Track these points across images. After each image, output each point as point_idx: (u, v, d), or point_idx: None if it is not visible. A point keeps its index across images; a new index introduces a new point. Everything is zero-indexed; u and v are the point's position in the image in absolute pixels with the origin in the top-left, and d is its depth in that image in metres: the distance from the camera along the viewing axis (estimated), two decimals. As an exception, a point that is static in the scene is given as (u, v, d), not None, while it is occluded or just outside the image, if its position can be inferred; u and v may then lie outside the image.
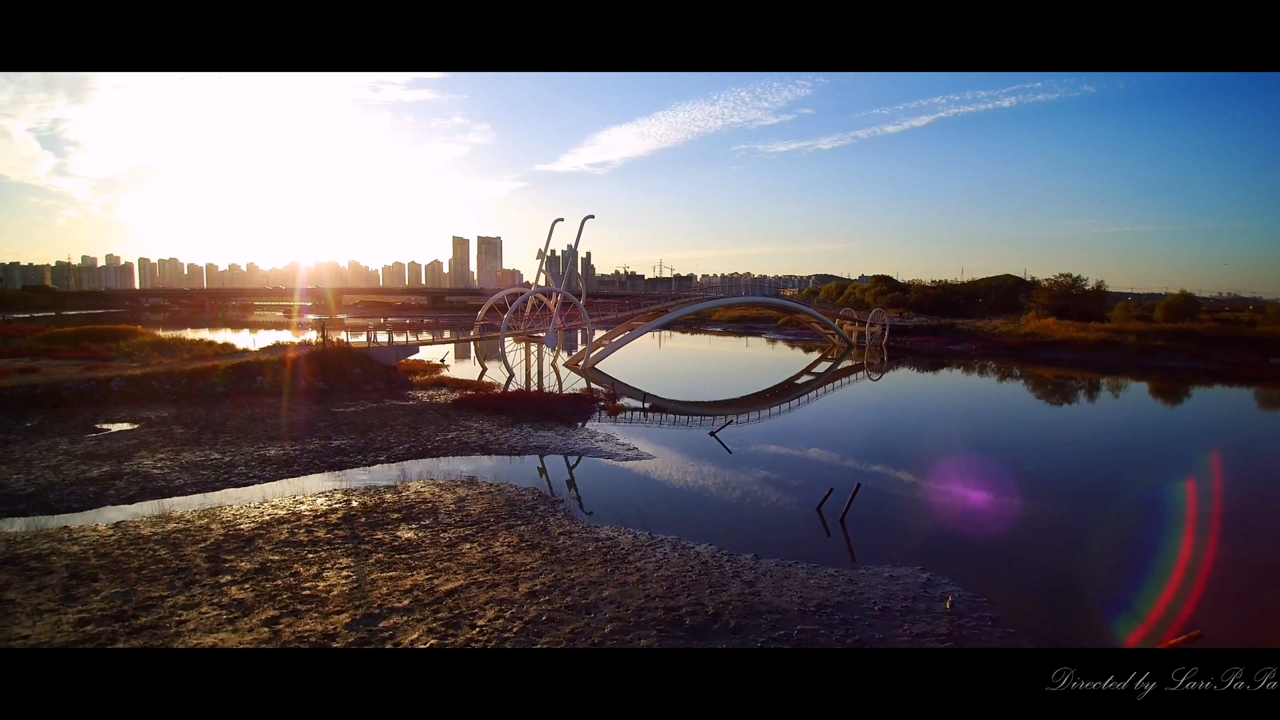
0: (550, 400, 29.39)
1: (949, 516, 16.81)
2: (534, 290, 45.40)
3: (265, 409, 26.23)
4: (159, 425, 23.02)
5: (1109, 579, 13.45)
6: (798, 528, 15.70)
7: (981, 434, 28.06)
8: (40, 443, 20.25)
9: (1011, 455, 23.69)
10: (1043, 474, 21.11)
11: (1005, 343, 68.37)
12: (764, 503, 17.51)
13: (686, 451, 22.73)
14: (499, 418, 25.93)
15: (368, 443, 21.42)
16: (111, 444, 20.18)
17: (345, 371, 32.55)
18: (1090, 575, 13.61)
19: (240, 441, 20.96)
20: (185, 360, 35.81)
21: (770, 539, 14.75)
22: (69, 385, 27.11)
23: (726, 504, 17.34)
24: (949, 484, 19.48)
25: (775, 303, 65.21)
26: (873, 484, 18.63)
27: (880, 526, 15.88)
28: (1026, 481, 19.73)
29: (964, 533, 15.73)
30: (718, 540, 14.38)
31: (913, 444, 25.50)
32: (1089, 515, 17.09)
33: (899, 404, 37.31)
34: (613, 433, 24.81)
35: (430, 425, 24.11)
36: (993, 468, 21.31)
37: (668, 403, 32.83)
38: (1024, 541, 15.37)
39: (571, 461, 20.92)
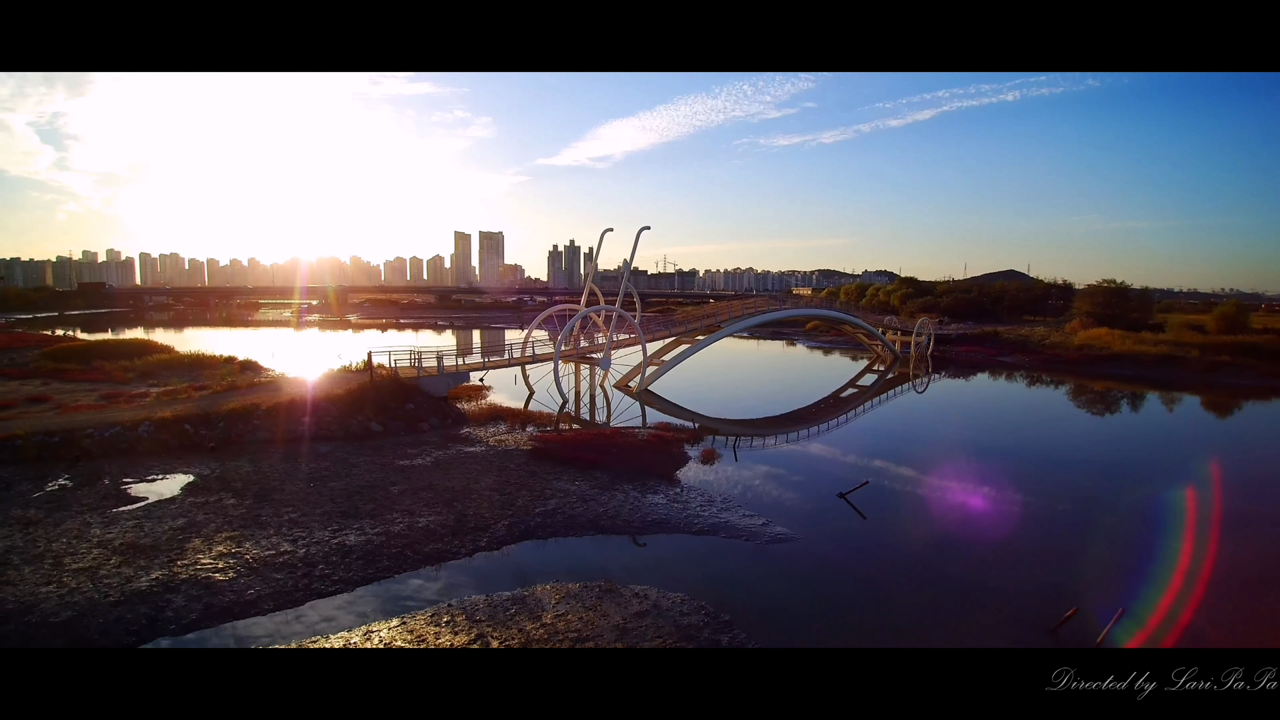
0: (635, 448, 25.89)
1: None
2: (591, 309, 41.75)
3: (320, 462, 22.65)
4: (204, 490, 19.45)
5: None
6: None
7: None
8: (67, 523, 16.69)
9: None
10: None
11: (1059, 355, 65.15)
12: (979, 614, 14.03)
13: (825, 523, 19.32)
14: (591, 476, 22.38)
15: (459, 519, 17.87)
16: (154, 526, 16.62)
17: (398, 408, 29.00)
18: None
19: (308, 519, 17.40)
20: (214, 389, 32.22)
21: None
22: (91, 433, 23.50)
23: (938, 623, 13.86)
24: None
25: (829, 315, 61.83)
26: (1070, 575, 15.14)
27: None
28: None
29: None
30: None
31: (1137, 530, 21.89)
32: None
33: (1031, 439, 33.45)
34: (724, 493, 21.30)
35: (521, 489, 20.54)
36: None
37: (743, 429, 29.28)
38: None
39: (708, 547, 17.41)
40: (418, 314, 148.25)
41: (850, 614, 14.22)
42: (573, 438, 26.80)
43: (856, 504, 21.05)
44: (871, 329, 65.56)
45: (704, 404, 39.40)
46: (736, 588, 15.09)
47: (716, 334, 47.72)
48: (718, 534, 18.07)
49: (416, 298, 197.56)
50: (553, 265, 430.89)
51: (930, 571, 16.31)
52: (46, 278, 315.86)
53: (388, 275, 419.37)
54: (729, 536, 17.92)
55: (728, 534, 18.06)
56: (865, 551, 17.81)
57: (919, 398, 45.68)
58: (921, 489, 23.25)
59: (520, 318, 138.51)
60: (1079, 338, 71.16)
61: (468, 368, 35.36)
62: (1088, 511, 21.11)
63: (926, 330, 69.86)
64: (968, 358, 67.13)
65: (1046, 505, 21.57)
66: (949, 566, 16.61)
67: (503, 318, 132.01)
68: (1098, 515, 20.82)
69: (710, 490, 21.71)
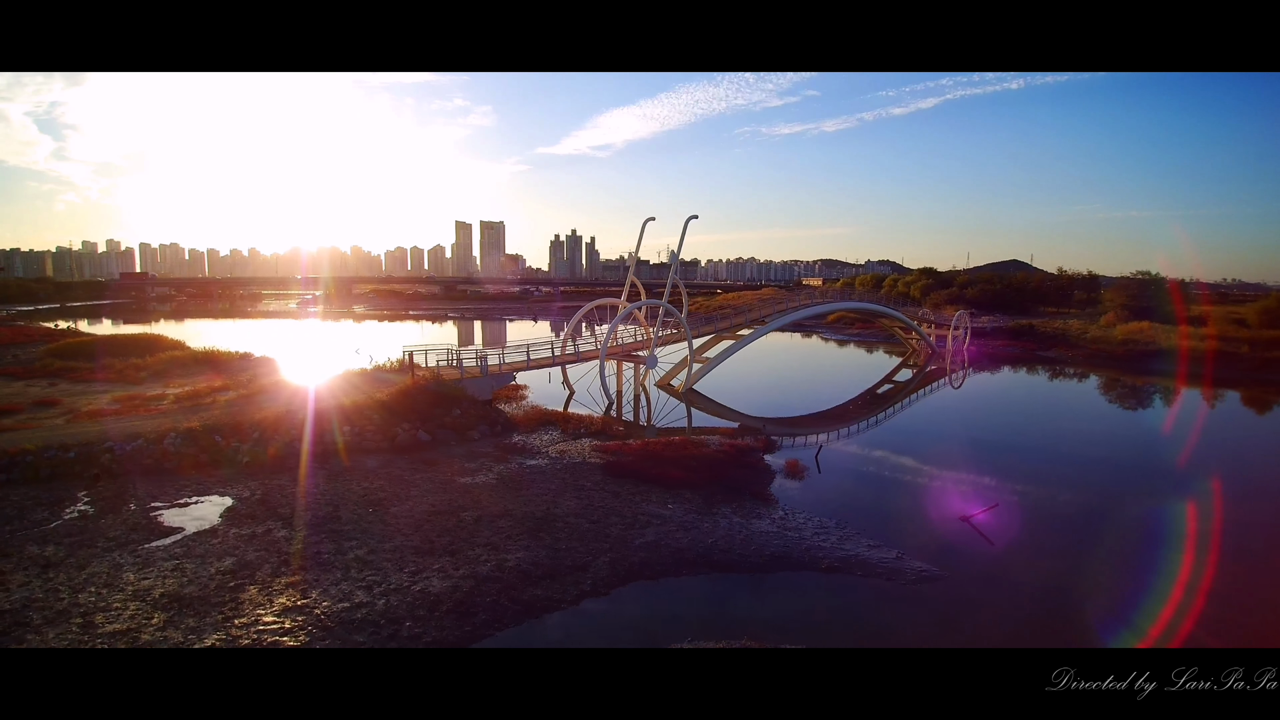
0: (713, 460, 23.26)
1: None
2: (637, 305, 39.02)
3: (371, 480, 19.99)
4: (247, 517, 16.81)
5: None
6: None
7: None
8: (94, 565, 14.03)
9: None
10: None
11: (1103, 350, 62.57)
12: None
13: (959, 554, 16.81)
14: (679, 496, 19.77)
15: (552, 556, 15.24)
16: (198, 569, 13.98)
17: (444, 414, 26.33)
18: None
19: (378, 557, 14.76)
20: (238, 392, 29.54)
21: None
22: (111, 447, 20.82)
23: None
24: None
25: (871, 308, 59.38)
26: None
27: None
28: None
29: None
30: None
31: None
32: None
33: (1136, 445, 30.65)
34: (831, 515, 18.67)
35: (610, 515, 17.90)
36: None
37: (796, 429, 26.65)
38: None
39: (846, 588, 14.80)
40: (424, 305, 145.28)
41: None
42: (641, 448, 24.16)
43: (981, 527, 18.55)
44: (910, 322, 62.97)
45: (746, 402, 36.89)
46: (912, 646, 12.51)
47: (761, 329, 45.06)
48: (851, 571, 15.48)
49: (420, 288, 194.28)
50: (554, 255, 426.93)
51: (1100, 609, 13.75)
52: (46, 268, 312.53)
53: (388, 265, 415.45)
54: (865, 575, 15.34)
55: (863, 571, 15.47)
56: (1023, 591, 15.25)
57: (977, 396, 43.16)
58: (1039, 505, 20.66)
59: (531, 308, 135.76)
60: (1119, 332, 68.60)
61: (511, 368, 32.63)
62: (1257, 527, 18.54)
63: (964, 324, 67.25)
64: (1005, 352, 64.67)
65: (1224, 527, 19.00)
66: (1118, 604, 14.05)
67: (513, 309, 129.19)
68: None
69: (814, 511, 19.12)
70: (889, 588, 14.82)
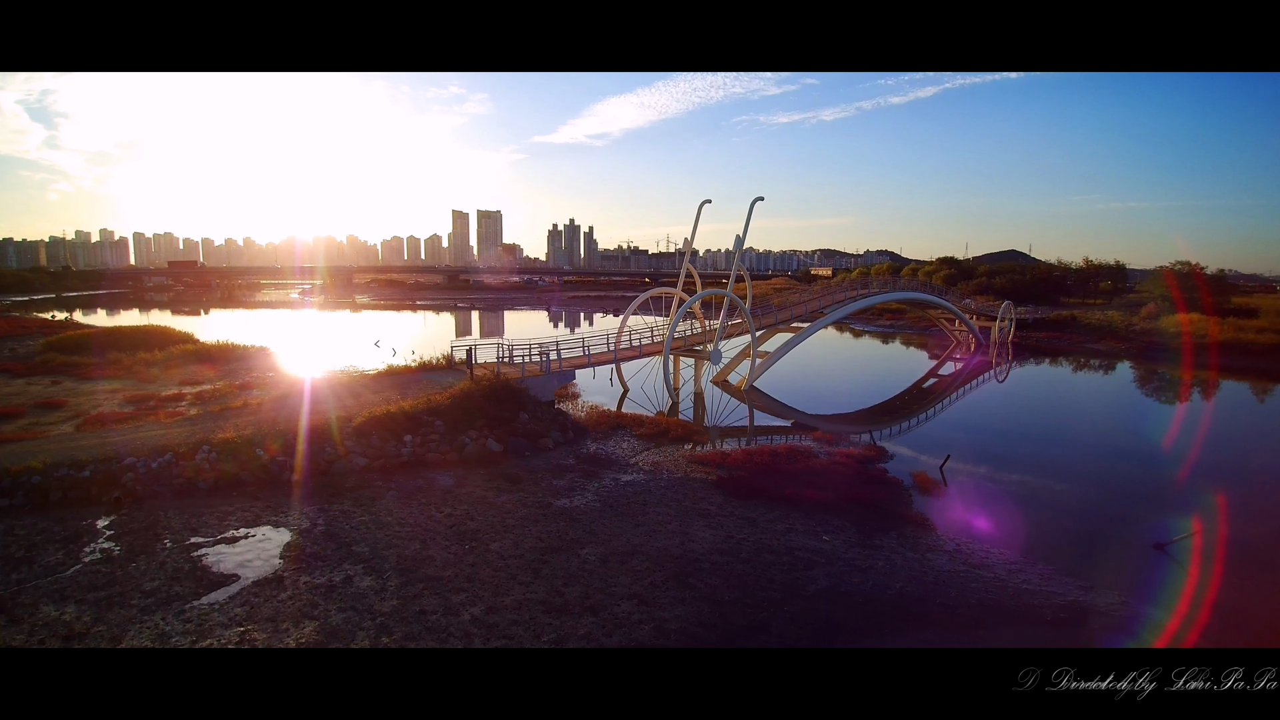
0: (833, 474, 20.03)
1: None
2: (702, 294, 35.61)
3: (454, 505, 16.60)
4: (316, 559, 13.42)
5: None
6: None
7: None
8: (132, 635, 10.61)
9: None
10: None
11: (1156, 342, 59.61)
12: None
13: (1175, 595, 13.58)
14: (822, 520, 16.47)
15: (716, 612, 11.86)
16: (270, 642, 10.61)
17: (510, 418, 22.91)
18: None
19: (498, 617, 11.35)
20: (269, 392, 26.08)
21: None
22: (134, 464, 17.36)
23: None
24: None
25: (922, 298, 55.71)
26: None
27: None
28: None
29: None
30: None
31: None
32: None
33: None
34: (1010, 545, 15.45)
35: (760, 551, 14.55)
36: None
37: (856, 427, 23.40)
38: None
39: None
40: (428, 295, 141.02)
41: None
42: (747, 459, 20.87)
43: (1179, 557, 15.42)
44: (959, 312, 59.84)
45: (799, 398, 33.65)
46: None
47: (820, 321, 41.77)
48: (1082, 624, 12.27)
49: (421, 278, 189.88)
50: (552, 245, 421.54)
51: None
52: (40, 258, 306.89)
53: (385, 255, 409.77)
54: (1103, 629, 12.12)
55: (1099, 625, 12.26)
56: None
57: (1061, 391, 40.15)
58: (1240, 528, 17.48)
59: (539, 298, 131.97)
60: (1168, 323, 65.71)
61: (571, 364, 29.21)
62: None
63: (1010, 315, 64.19)
64: (1051, 344, 61.77)
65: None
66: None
67: (522, 299, 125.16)
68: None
69: (982, 539, 15.90)
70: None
